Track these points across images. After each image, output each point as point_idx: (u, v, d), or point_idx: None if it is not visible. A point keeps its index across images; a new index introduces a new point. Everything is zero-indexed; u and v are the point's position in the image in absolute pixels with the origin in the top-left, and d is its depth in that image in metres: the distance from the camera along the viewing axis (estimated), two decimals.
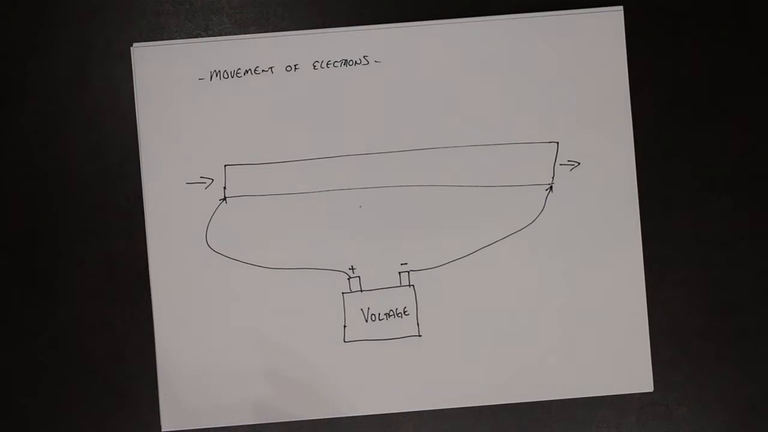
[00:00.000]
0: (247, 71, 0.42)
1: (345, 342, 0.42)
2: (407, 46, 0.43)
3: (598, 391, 0.42)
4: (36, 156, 0.43)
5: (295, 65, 0.43)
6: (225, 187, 0.42)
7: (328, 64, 0.43)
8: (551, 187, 0.43)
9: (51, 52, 0.43)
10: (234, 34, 0.43)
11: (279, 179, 0.42)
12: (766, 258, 0.43)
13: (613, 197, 0.43)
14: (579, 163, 0.43)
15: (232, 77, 0.42)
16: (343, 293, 0.42)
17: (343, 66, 0.43)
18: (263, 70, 0.42)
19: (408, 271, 0.42)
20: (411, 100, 0.42)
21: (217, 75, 0.42)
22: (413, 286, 0.42)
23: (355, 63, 0.43)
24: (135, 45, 0.43)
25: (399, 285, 0.42)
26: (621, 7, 0.43)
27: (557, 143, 0.43)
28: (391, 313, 0.42)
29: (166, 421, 0.42)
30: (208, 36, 0.43)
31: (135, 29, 0.43)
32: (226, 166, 0.42)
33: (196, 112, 0.42)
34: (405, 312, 0.42)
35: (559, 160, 0.43)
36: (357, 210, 0.42)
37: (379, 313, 0.42)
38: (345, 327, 0.42)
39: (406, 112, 0.43)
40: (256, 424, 0.42)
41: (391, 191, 0.43)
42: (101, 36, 0.43)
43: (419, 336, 0.42)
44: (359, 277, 0.42)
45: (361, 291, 0.42)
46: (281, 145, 0.42)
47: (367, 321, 0.42)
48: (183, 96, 0.42)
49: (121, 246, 0.43)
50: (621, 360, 0.42)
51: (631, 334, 0.42)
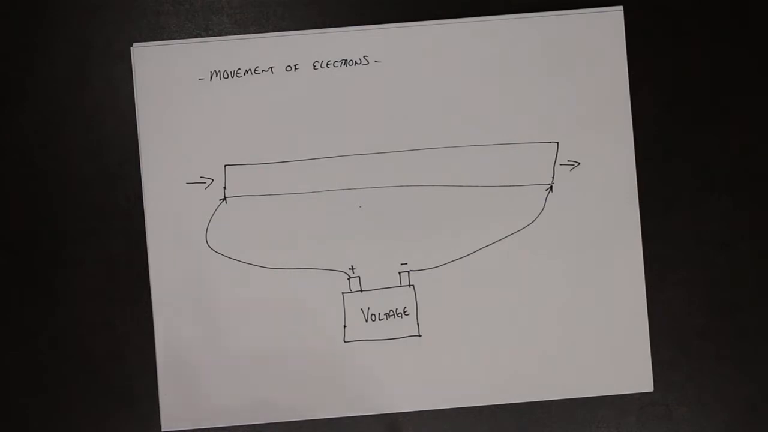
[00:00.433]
0: (247, 71, 0.42)
1: (345, 342, 0.42)
2: (407, 46, 0.43)
3: (598, 391, 0.42)
4: (36, 156, 0.43)
5: (295, 65, 0.43)
6: (225, 187, 0.42)
7: (328, 64, 0.43)
8: (551, 187, 0.43)
9: (51, 52, 0.43)
10: (234, 34, 0.43)
11: (279, 179, 0.42)
12: (766, 258, 0.43)
13: (613, 197, 0.43)
14: (579, 163, 0.43)
15: (232, 77, 0.42)
16: (343, 293, 0.42)
17: (343, 66, 0.43)
18: (263, 70, 0.42)
19: (408, 271, 0.42)
20: (411, 100, 0.42)
21: (217, 75, 0.42)
22: (413, 286, 0.42)
23: (355, 63, 0.43)
24: (135, 45, 0.43)
25: (399, 285, 0.42)
26: (621, 7, 0.43)
27: (557, 143, 0.43)
28: (391, 313, 0.42)
29: (166, 421, 0.42)
30: (208, 36, 0.43)
31: (135, 29, 0.43)
32: (226, 166, 0.42)
33: (196, 112, 0.42)
34: (405, 312, 0.42)
35: (559, 160, 0.43)
36: (357, 210, 0.42)
37: (379, 313, 0.42)
38: (345, 327, 0.42)
39: (406, 112, 0.43)
40: (256, 424, 0.42)
41: (391, 191, 0.43)
42: (101, 36, 0.43)
43: (419, 336, 0.42)
44: (359, 277, 0.42)
45: (361, 291, 0.42)
46: (281, 145, 0.42)
47: (367, 321, 0.42)
48: (183, 96, 0.42)
49: (121, 246, 0.43)
50: (621, 360, 0.42)
51: (631, 334, 0.42)
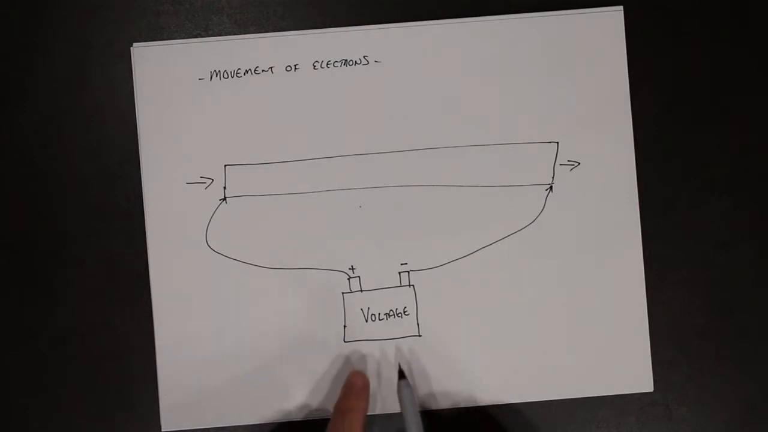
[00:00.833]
0: (247, 71, 0.42)
1: (345, 342, 0.42)
2: (407, 46, 0.43)
3: (598, 391, 0.42)
4: (36, 156, 0.43)
5: (295, 65, 0.43)
6: (225, 187, 0.42)
7: (328, 64, 0.43)
8: (551, 187, 0.43)
9: (51, 52, 0.43)
10: (234, 34, 0.43)
11: (279, 179, 0.42)
12: (766, 258, 0.43)
13: (613, 197, 0.43)
14: (579, 163, 0.43)
15: (232, 77, 0.42)
16: (343, 293, 0.42)
17: (343, 66, 0.43)
18: (263, 70, 0.42)
19: (408, 271, 0.42)
20: (411, 100, 0.42)
21: (217, 75, 0.42)
22: (413, 286, 0.42)
23: (355, 63, 0.43)
24: (135, 45, 0.43)
25: (399, 285, 0.42)
26: (621, 7, 0.43)
27: (557, 143, 0.43)
28: (391, 313, 0.42)
29: (166, 421, 0.42)
30: (208, 36, 0.43)
31: (135, 29, 0.43)
32: (226, 166, 0.42)
33: (196, 112, 0.43)
34: (405, 312, 0.42)
35: (559, 160, 0.43)
36: (357, 210, 0.42)
37: (379, 313, 0.42)
38: (345, 327, 0.42)
39: (406, 112, 0.43)
40: (256, 424, 0.42)
41: (391, 191, 0.43)
42: (101, 36, 0.43)
43: (419, 336, 0.42)
44: (359, 277, 0.42)
45: (361, 291, 0.42)
46: (281, 145, 0.42)
47: (367, 321, 0.42)
48: (183, 96, 0.42)
49: (121, 246, 0.43)
50: (621, 360, 0.42)
51: (631, 334, 0.42)
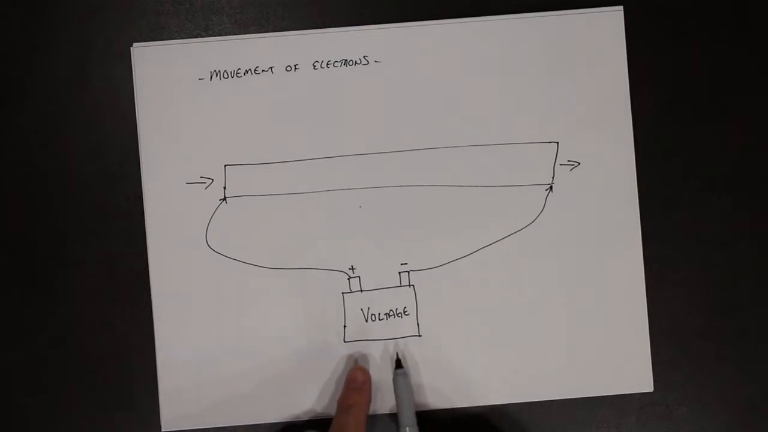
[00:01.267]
0: (247, 71, 0.42)
1: (345, 342, 0.42)
2: (407, 46, 0.43)
3: (598, 391, 0.42)
4: (36, 156, 0.43)
5: (295, 65, 0.43)
6: (225, 187, 0.42)
7: (328, 64, 0.43)
8: (551, 187, 0.43)
9: (51, 52, 0.43)
10: (234, 34, 0.43)
11: (279, 179, 0.42)
12: (766, 258, 0.43)
13: (613, 197, 0.43)
14: (579, 163, 0.43)
15: (232, 77, 0.42)
16: (343, 293, 0.42)
17: (343, 66, 0.43)
18: (263, 70, 0.42)
19: (408, 271, 0.42)
20: (411, 100, 0.42)
21: (217, 75, 0.42)
22: (413, 286, 0.42)
23: (355, 63, 0.42)
24: (135, 45, 0.43)
25: (399, 285, 0.42)
26: (621, 7, 0.43)
27: (557, 143, 0.43)
28: (391, 313, 0.42)
29: (166, 421, 0.42)
30: (208, 36, 0.43)
31: (135, 29, 0.43)
32: (226, 166, 0.42)
33: (196, 112, 0.42)
34: (405, 312, 0.42)
35: (559, 160, 0.43)
36: (357, 210, 0.42)
37: (379, 313, 0.42)
38: (345, 327, 0.42)
39: (406, 112, 0.43)
40: (256, 424, 0.42)
41: (391, 191, 0.43)
42: (101, 36, 0.43)
43: (419, 336, 0.42)
44: (359, 277, 0.42)
45: (361, 291, 0.42)
46: (281, 145, 0.42)
47: (367, 321, 0.42)
48: (183, 96, 0.42)
49: (121, 246, 0.43)
50: (621, 360, 0.42)
51: (631, 334, 0.42)
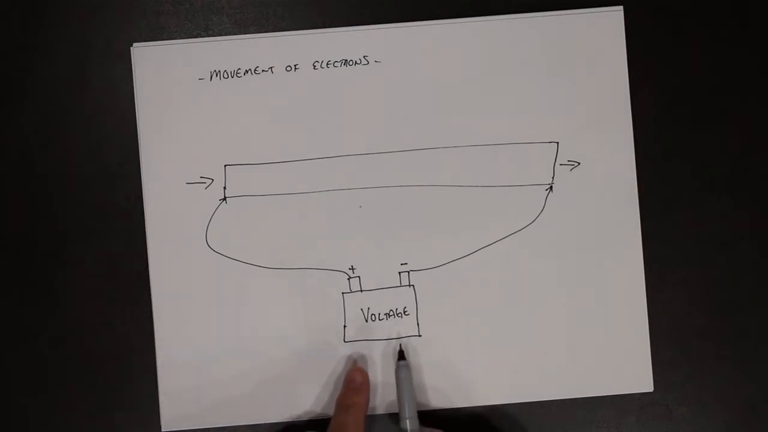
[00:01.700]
0: (247, 71, 0.42)
1: (345, 342, 0.42)
2: (407, 46, 0.43)
3: (598, 391, 0.42)
4: (36, 156, 0.43)
5: (295, 65, 0.43)
6: (225, 187, 0.42)
7: (328, 64, 0.43)
8: (551, 187, 0.43)
9: (51, 52, 0.43)
10: (234, 34, 0.43)
11: (279, 179, 0.42)
12: (766, 258, 0.43)
13: (613, 197, 0.43)
14: (579, 163, 0.43)
15: (232, 77, 0.42)
16: (343, 293, 0.42)
17: (343, 66, 0.43)
18: (263, 70, 0.42)
19: (408, 271, 0.42)
20: (411, 100, 0.42)
21: (217, 75, 0.42)
22: (413, 286, 0.42)
23: (355, 63, 0.42)
24: (135, 45, 0.43)
25: (399, 285, 0.42)
26: (621, 7, 0.43)
27: (557, 143, 0.43)
28: (391, 313, 0.42)
29: (166, 421, 0.42)
30: (208, 36, 0.43)
31: (135, 29, 0.43)
32: (226, 166, 0.42)
33: (196, 112, 0.42)
34: (405, 312, 0.42)
35: (559, 160, 0.43)
36: (357, 210, 0.42)
37: (379, 313, 0.42)
38: (345, 327, 0.42)
39: (406, 112, 0.42)
40: (256, 424, 0.42)
41: (391, 191, 0.43)
42: (101, 36, 0.43)
43: (419, 336, 0.42)
44: (359, 277, 0.42)
45: (361, 291, 0.42)
46: (281, 145, 0.42)
47: (367, 321, 0.42)
48: (183, 96, 0.42)
49: (121, 246, 0.43)
50: (621, 360, 0.42)
51: (631, 334, 0.42)
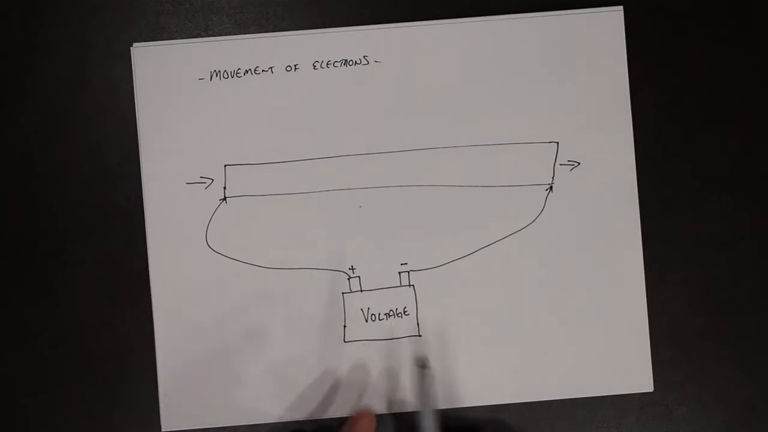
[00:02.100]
0: (247, 71, 0.42)
1: (345, 342, 0.42)
2: (407, 46, 0.43)
3: (598, 391, 0.42)
4: (36, 156, 0.43)
5: (295, 65, 0.43)
6: (225, 187, 0.42)
7: (328, 64, 0.43)
8: (551, 187, 0.43)
9: (51, 52, 0.43)
10: (234, 34, 0.43)
11: (279, 179, 0.42)
12: (766, 258, 0.43)
13: (613, 197, 0.43)
14: (579, 163, 0.43)
15: (232, 77, 0.42)
16: (343, 293, 0.42)
17: (343, 66, 0.43)
18: (263, 70, 0.42)
19: (408, 271, 0.42)
20: (411, 100, 0.42)
21: (217, 75, 0.42)
22: (413, 286, 0.42)
23: (355, 63, 0.43)
24: (135, 45, 0.43)
25: (399, 285, 0.42)
26: (621, 7, 0.43)
27: (557, 143, 0.43)
28: (391, 313, 0.42)
29: (166, 421, 0.42)
30: (208, 36, 0.43)
31: (135, 29, 0.43)
32: (226, 166, 0.42)
33: (196, 112, 0.43)
34: (405, 312, 0.42)
35: (559, 160, 0.43)
36: (357, 210, 0.42)
37: (379, 313, 0.42)
38: (345, 327, 0.42)
39: (406, 112, 0.43)
40: (256, 424, 0.42)
41: (391, 191, 0.43)
42: (101, 36, 0.43)
43: (419, 336, 0.42)
44: (359, 277, 0.42)
45: (361, 291, 0.42)
46: (281, 145, 0.42)
47: (367, 321, 0.42)
48: (183, 96, 0.42)
49: (121, 246, 0.43)
50: (621, 360, 0.42)
51: (631, 334, 0.42)
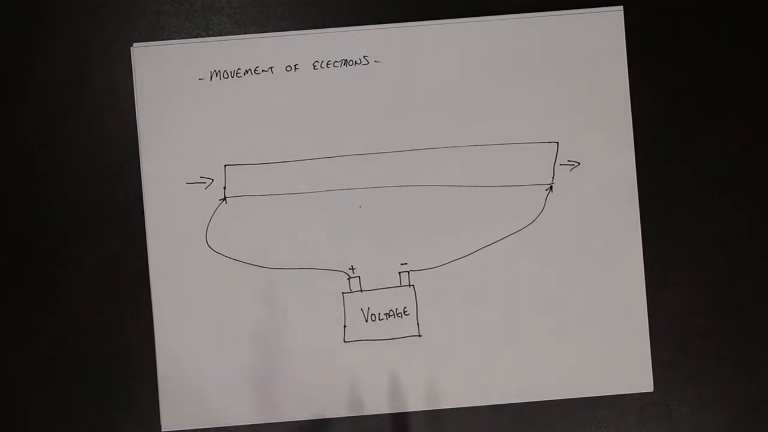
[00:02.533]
0: (247, 71, 0.42)
1: (345, 342, 0.42)
2: (407, 46, 0.43)
3: (598, 391, 0.42)
4: (36, 156, 0.43)
5: (295, 65, 0.43)
6: (225, 187, 0.42)
7: (328, 64, 0.43)
8: (551, 187, 0.43)
9: (51, 52, 0.43)
10: (234, 34, 0.43)
11: (279, 179, 0.42)
12: (766, 258, 0.43)
13: (613, 197, 0.43)
14: (579, 163, 0.43)
15: (232, 77, 0.42)
16: (343, 293, 0.42)
17: (343, 66, 0.43)
18: (263, 70, 0.42)
19: (408, 271, 0.42)
20: (411, 100, 0.42)
21: (217, 75, 0.42)
22: (413, 286, 0.42)
23: (355, 63, 0.43)
24: (135, 45, 0.43)
25: (399, 285, 0.42)
26: (621, 7, 0.43)
27: (557, 143, 0.43)
28: (391, 313, 0.42)
29: (166, 421, 0.42)
30: (208, 36, 0.43)
31: (135, 29, 0.43)
32: (226, 166, 0.42)
33: (196, 112, 0.43)
34: (405, 312, 0.42)
35: (559, 160, 0.43)
36: (357, 210, 0.42)
37: (379, 313, 0.42)
38: (345, 327, 0.42)
39: (406, 112, 0.43)
40: (256, 424, 0.42)
41: (391, 191, 0.43)
42: (101, 36, 0.43)
43: (419, 336, 0.42)
44: (359, 277, 0.42)
45: (361, 291, 0.42)
46: (281, 145, 0.42)
47: (367, 321, 0.42)
48: (183, 96, 0.42)
49: (121, 246, 0.43)
50: (621, 360, 0.42)
51: (631, 334, 0.42)
